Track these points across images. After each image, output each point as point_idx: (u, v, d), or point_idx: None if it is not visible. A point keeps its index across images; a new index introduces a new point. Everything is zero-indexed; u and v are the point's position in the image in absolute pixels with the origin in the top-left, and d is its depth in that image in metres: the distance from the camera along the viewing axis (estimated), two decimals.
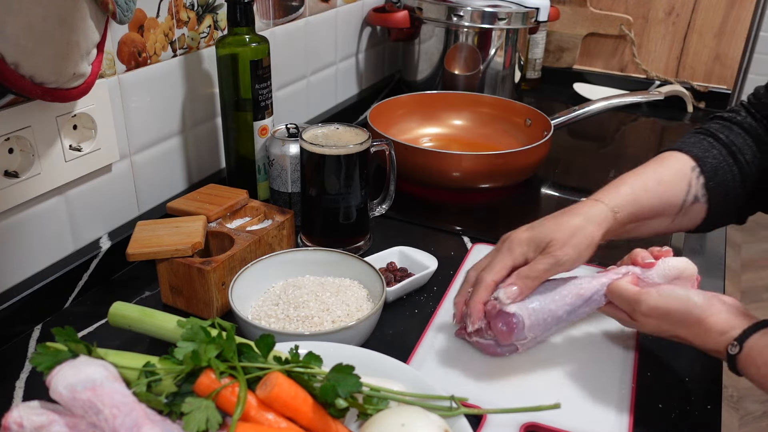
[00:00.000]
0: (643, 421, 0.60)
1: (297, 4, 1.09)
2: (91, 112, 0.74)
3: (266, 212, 0.84)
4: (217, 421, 0.48)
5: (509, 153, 1.01)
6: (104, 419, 0.46)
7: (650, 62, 1.55)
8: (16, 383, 0.63)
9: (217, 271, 0.71)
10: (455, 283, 0.79)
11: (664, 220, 0.72)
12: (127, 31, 0.78)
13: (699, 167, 0.72)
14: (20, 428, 0.46)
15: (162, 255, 0.71)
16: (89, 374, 0.48)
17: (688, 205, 0.72)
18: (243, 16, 0.84)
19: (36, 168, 0.68)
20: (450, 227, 0.94)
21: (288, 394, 0.50)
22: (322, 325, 0.67)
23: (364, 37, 1.36)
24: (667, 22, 1.51)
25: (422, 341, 0.69)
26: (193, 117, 0.91)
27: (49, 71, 0.61)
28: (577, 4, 1.56)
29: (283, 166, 0.88)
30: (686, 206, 0.72)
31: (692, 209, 0.72)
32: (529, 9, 1.30)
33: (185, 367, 0.50)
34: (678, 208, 0.72)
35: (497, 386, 0.63)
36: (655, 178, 0.72)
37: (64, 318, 0.73)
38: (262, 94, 0.87)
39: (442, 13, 1.28)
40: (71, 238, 0.76)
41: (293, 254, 0.76)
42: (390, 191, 0.90)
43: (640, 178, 0.71)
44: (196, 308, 0.73)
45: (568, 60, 1.62)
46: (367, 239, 0.88)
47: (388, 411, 0.52)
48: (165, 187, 0.89)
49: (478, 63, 1.31)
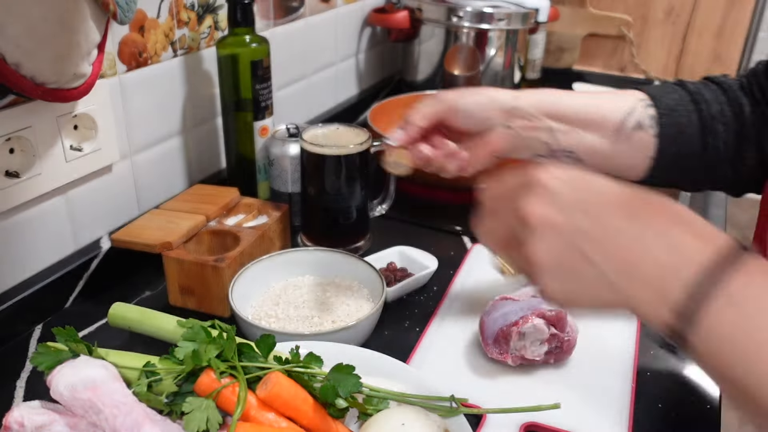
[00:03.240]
0: (643, 421, 0.60)
1: (297, 5, 1.09)
2: (92, 113, 0.74)
3: (260, 208, 0.84)
4: (217, 420, 0.48)
5: None
6: (104, 419, 0.46)
7: (650, 62, 1.56)
8: (16, 383, 0.64)
9: (231, 267, 0.71)
10: (455, 284, 0.80)
11: (600, 135, 0.66)
12: (127, 32, 0.78)
13: (650, 100, 0.67)
14: (21, 428, 0.47)
15: (134, 247, 0.73)
16: (89, 374, 0.48)
17: (630, 129, 0.65)
18: (243, 16, 0.84)
19: (37, 168, 0.69)
20: (450, 227, 0.94)
21: (288, 394, 0.50)
22: (322, 325, 0.67)
23: (364, 38, 1.36)
24: (667, 22, 1.51)
25: (422, 341, 0.69)
26: (194, 117, 0.91)
27: (49, 71, 0.61)
28: (577, 4, 1.56)
29: (283, 166, 0.88)
30: (626, 127, 0.65)
31: (636, 137, 0.66)
32: (529, 9, 1.30)
33: (185, 366, 0.51)
34: (616, 125, 0.65)
35: (497, 386, 0.63)
36: (588, 93, 0.69)
37: (65, 318, 0.73)
38: (262, 94, 0.88)
39: (442, 13, 1.28)
40: (72, 238, 0.76)
41: (293, 254, 0.76)
42: (390, 191, 0.90)
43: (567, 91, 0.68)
44: (210, 306, 0.73)
45: (568, 60, 1.62)
46: (367, 239, 0.88)
47: (388, 411, 0.52)
48: (165, 187, 0.89)
49: (477, 63, 1.31)
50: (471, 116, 0.65)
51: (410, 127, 0.66)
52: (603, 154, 0.67)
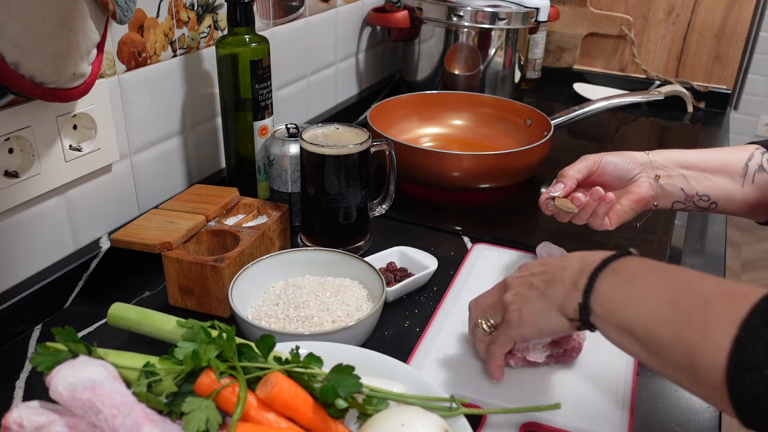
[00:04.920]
0: (643, 421, 0.60)
1: (297, 4, 1.09)
2: (91, 112, 0.74)
3: (260, 208, 0.84)
4: (217, 421, 0.48)
5: (509, 153, 1.01)
6: (104, 419, 0.46)
7: (650, 62, 1.55)
8: (16, 383, 0.63)
9: (231, 267, 0.71)
10: (455, 284, 0.79)
11: (730, 179, 0.74)
12: (127, 31, 0.78)
13: (764, 147, 0.74)
14: (20, 428, 0.46)
15: (133, 247, 0.73)
16: (89, 374, 0.48)
17: (753, 172, 0.73)
18: (243, 16, 0.84)
19: (36, 168, 0.68)
20: (450, 227, 0.94)
21: (288, 394, 0.50)
22: (322, 325, 0.67)
23: (364, 37, 1.36)
24: (667, 22, 1.51)
25: (422, 341, 0.69)
26: (193, 117, 0.91)
27: (49, 71, 0.61)
28: (577, 4, 1.56)
29: (283, 166, 0.88)
30: (750, 171, 0.73)
31: (760, 179, 0.73)
32: (529, 9, 1.30)
33: (185, 367, 0.51)
34: (741, 171, 0.74)
35: (497, 386, 0.63)
36: (706, 150, 0.77)
37: (64, 318, 0.73)
38: (262, 94, 0.87)
39: (442, 13, 1.28)
40: (71, 238, 0.76)
41: (293, 254, 0.76)
42: (390, 191, 0.90)
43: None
44: (209, 306, 0.73)
45: (568, 60, 1.62)
46: (367, 239, 0.88)
47: (388, 411, 0.52)
48: (165, 187, 0.89)
49: (478, 63, 1.31)
50: (615, 171, 0.76)
51: (567, 180, 0.76)
52: (733, 196, 0.75)
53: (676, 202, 0.77)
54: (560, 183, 0.76)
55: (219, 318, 0.72)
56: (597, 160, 0.76)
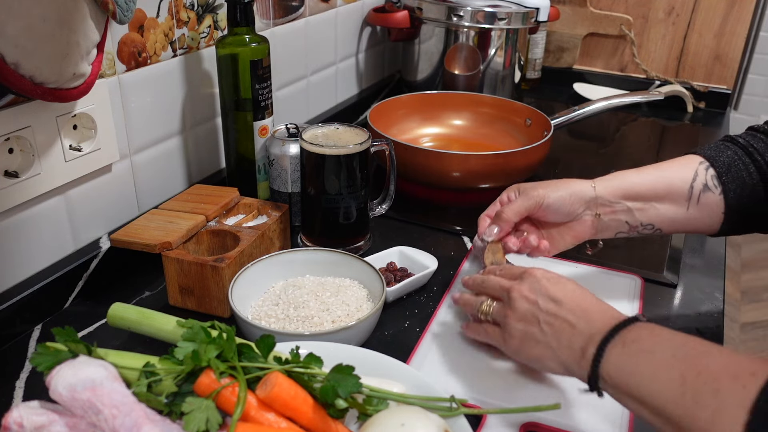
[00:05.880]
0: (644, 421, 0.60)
1: (297, 4, 1.09)
2: (91, 112, 0.74)
3: (260, 208, 0.84)
4: (217, 421, 0.48)
5: (509, 153, 1.01)
6: (104, 419, 0.46)
7: (650, 62, 1.55)
8: (16, 383, 0.63)
9: (231, 267, 0.71)
10: (455, 283, 0.79)
11: (675, 205, 0.72)
12: (127, 31, 0.78)
13: (708, 162, 0.72)
14: (20, 428, 0.46)
15: (133, 247, 0.73)
16: (89, 374, 0.48)
17: (698, 193, 0.71)
18: (243, 16, 0.84)
19: (36, 168, 0.68)
20: (450, 227, 0.94)
21: (288, 394, 0.50)
22: (322, 325, 0.67)
23: (364, 37, 1.36)
24: (667, 22, 1.51)
25: (422, 341, 0.69)
26: (193, 117, 0.91)
27: (49, 71, 0.61)
28: (577, 4, 1.56)
29: (283, 166, 0.88)
30: (695, 193, 0.71)
31: (706, 199, 0.71)
32: (529, 9, 1.30)
33: (185, 367, 0.50)
34: (686, 194, 0.71)
35: (497, 386, 0.63)
36: (653, 166, 0.74)
37: (64, 318, 0.73)
38: (262, 94, 0.87)
39: (442, 13, 1.28)
40: (71, 238, 0.76)
41: (293, 254, 0.76)
42: (390, 191, 0.90)
43: (634, 169, 0.74)
44: (209, 306, 0.73)
45: (568, 60, 1.62)
46: (367, 239, 0.88)
47: (387, 411, 0.52)
48: (165, 187, 0.89)
49: (478, 63, 1.31)
50: (558, 211, 0.73)
51: (503, 224, 0.74)
52: (679, 221, 0.73)
53: (620, 233, 0.75)
54: (495, 226, 0.74)
55: (219, 318, 0.72)
56: (539, 202, 0.73)
